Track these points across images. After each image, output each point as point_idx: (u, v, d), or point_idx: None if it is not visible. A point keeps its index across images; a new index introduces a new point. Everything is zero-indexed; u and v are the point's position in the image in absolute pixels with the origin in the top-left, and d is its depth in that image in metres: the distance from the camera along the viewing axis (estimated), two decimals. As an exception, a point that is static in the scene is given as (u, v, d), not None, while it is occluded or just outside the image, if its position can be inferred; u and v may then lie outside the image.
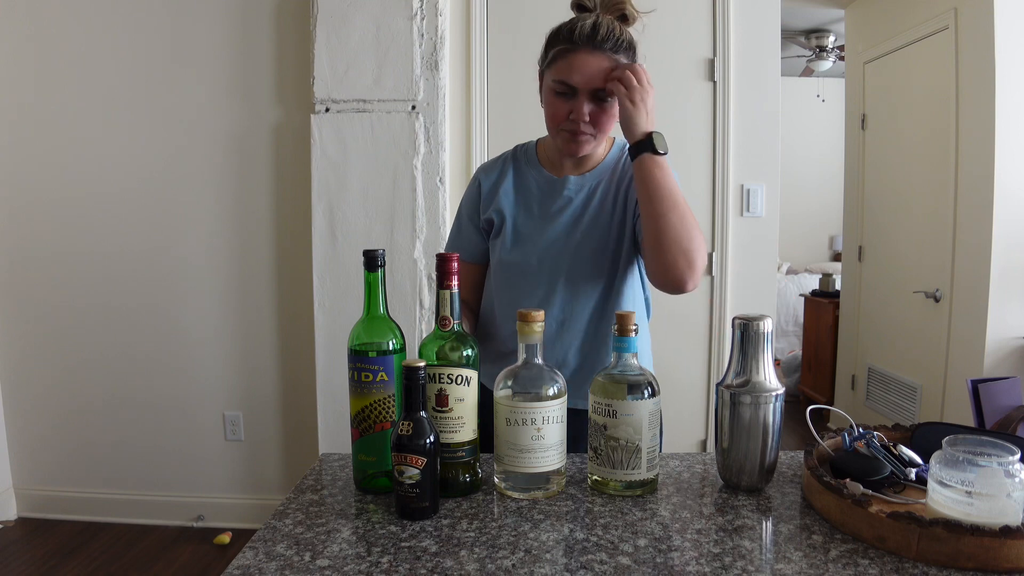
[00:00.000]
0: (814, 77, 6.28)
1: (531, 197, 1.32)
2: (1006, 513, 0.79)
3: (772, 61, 2.61)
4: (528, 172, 1.34)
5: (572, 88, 1.17)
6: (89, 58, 2.63)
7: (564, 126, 1.20)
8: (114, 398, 2.77)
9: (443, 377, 0.98)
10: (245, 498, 2.78)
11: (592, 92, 1.17)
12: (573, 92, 1.17)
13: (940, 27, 2.97)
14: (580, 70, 1.15)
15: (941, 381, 3.01)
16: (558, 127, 1.21)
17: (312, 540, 0.88)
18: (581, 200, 1.29)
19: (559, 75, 1.17)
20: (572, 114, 1.18)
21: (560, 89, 1.18)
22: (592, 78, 1.15)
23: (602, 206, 1.28)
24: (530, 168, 1.34)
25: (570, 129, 1.20)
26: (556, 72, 1.18)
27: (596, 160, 1.31)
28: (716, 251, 2.63)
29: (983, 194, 2.70)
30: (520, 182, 1.34)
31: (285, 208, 2.64)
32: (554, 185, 1.30)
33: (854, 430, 1.04)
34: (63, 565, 2.46)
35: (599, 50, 1.15)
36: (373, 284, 1.02)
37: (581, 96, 1.17)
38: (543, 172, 1.32)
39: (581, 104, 1.17)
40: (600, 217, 1.28)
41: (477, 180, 1.38)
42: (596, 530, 0.89)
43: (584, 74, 1.15)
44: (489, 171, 1.37)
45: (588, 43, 1.15)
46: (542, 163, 1.34)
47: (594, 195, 1.29)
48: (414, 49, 2.37)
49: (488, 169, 1.38)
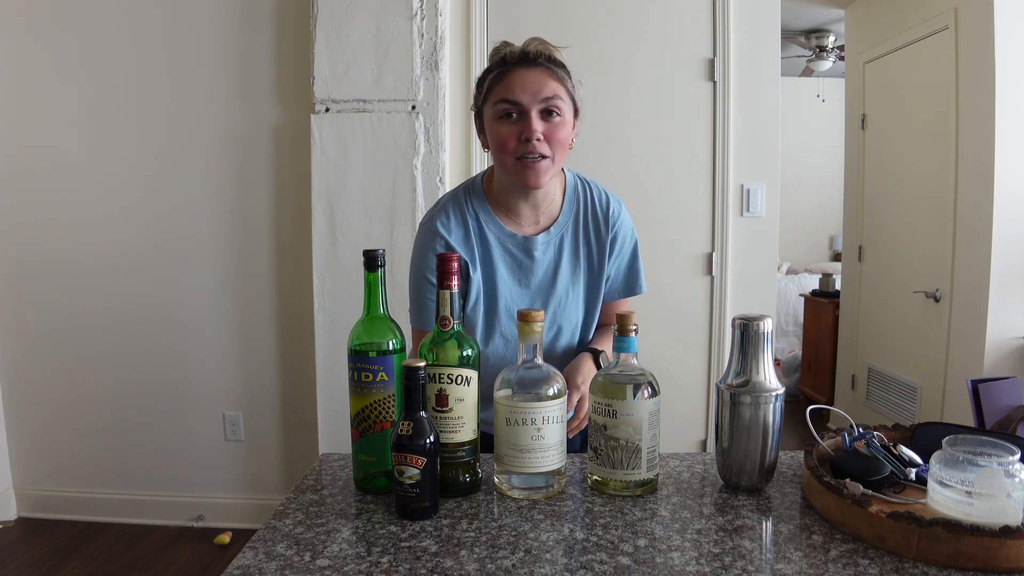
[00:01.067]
0: (814, 77, 6.28)
1: (495, 260, 1.25)
2: (1006, 513, 0.78)
3: (772, 61, 2.61)
4: (488, 229, 1.25)
5: (518, 105, 1.13)
6: (89, 58, 2.63)
7: (517, 151, 1.14)
8: (114, 398, 2.77)
9: (443, 377, 0.98)
10: (245, 498, 2.78)
11: (540, 109, 1.14)
12: (520, 113, 1.13)
13: (940, 27, 2.97)
14: (522, 85, 1.13)
15: (941, 381, 3.01)
16: (512, 155, 1.15)
17: (312, 540, 0.87)
18: (550, 261, 1.27)
19: (501, 94, 1.13)
20: (523, 134, 1.13)
21: (505, 110, 1.14)
22: (536, 92, 1.12)
23: (571, 263, 1.29)
24: (488, 223, 1.25)
25: (524, 154, 1.14)
26: (497, 94, 1.14)
27: (554, 210, 1.28)
28: (716, 251, 2.63)
29: (983, 194, 2.70)
30: (482, 242, 1.25)
31: (285, 208, 2.64)
32: (519, 245, 1.26)
33: (854, 430, 1.04)
34: (63, 565, 2.46)
35: (535, 65, 1.14)
36: (373, 284, 1.02)
37: (529, 113, 1.13)
38: (504, 229, 1.25)
39: (531, 120, 1.13)
40: (571, 274, 1.29)
41: (440, 239, 1.23)
42: (596, 530, 0.89)
43: (527, 88, 1.12)
44: (449, 229, 1.24)
45: (523, 61, 1.14)
46: (495, 209, 1.26)
47: (562, 252, 1.28)
48: (414, 49, 2.37)
49: (447, 226, 1.24)
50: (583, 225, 1.29)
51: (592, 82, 2.61)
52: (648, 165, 2.62)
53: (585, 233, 1.29)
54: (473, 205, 1.26)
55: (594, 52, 2.60)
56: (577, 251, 1.29)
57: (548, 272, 1.28)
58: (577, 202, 1.29)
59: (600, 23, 2.59)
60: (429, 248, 1.24)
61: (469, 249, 1.24)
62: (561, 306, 1.30)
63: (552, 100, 1.14)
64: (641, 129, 2.62)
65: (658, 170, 2.62)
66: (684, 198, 2.62)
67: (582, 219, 1.29)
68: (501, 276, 1.26)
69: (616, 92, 2.60)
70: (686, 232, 2.63)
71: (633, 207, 2.61)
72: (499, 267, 1.26)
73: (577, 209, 1.29)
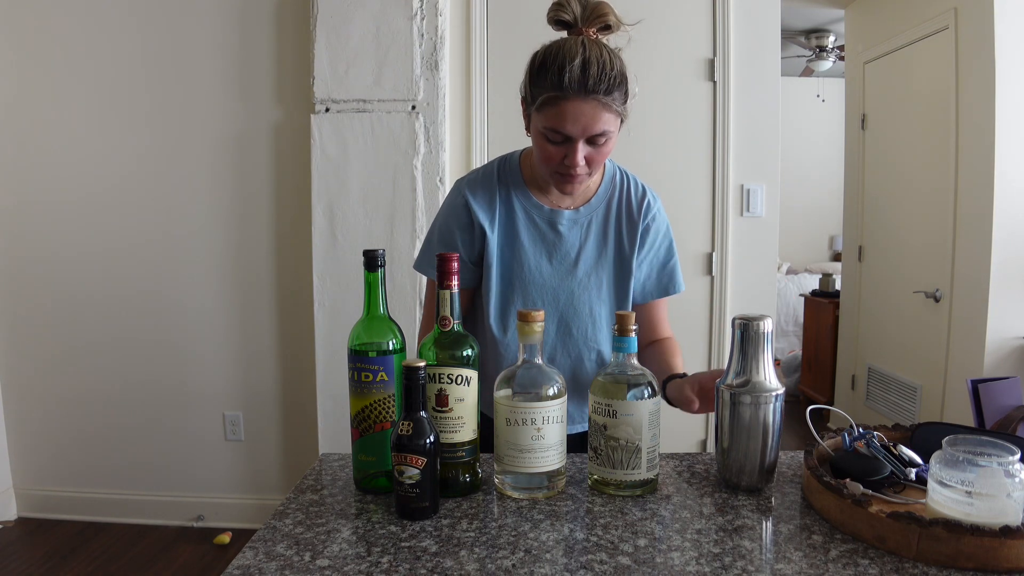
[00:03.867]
0: (814, 77, 6.28)
1: (519, 228, 1.26)
2: (1006, 513, 0.78)
3: (772, 61, 2.61)
4: (516, 197, 1.26)
5: (567, 136, 1.12)
6: (89, 58, 2.63)
7: (558, 169, 1.16)
8: (114, 399, 2.77)
9: (443, 377, 0.98)
10: (245, 498, 2.78)
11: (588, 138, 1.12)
12: (567, 139, 1.12)
13: (940, 27, 2.97)
14: (575, 120, 1.09)
15: (941, 381, 3.01)
16: (553, 169, 1.17)
17: (312, 540, 0.87)
18: (576, 240, 1.27)
19: (551, 123, 1.11)
20: (567, 159, 1.13)
21: (554, 138, 1.13)
22: (587, 127, 1.10)
23: (598, 247, 1.28)
24: (517, 193, 1.26)
25: (564, 172, 1.16)
26: (547, 120, 1.11)
27: (588, 194, 1.28)
28: (716, 251, 2.63)
29: (983, 194, 2.70)
30: (508, 211, 1.26)
31: (285, 208, 2.64)
32: (545, 217, 1.26)
33: (854, 430, 1.04)
34: (63, 565, 2.46)
35: (592, 96, 1.08)
36: (373, 284, 1.02)
37: (576, 143, 1.12)
38: (532, 199, 1.26)
39: (576, 152, 1.12)
40: (595, 258, 1.28)
41: (463, 196, 1.25)
42: (596, 530, 0.89)
43: (579, 124, 1.10)
44: (475, 189, 1.26)
45: (580, 90, 1.08)
46: (528, 184, 1.27)
47: (588, 233, 1.27)
48: (414, 49, 2.38)
49: (474, 186, 1.26)
50: (616, 212, 1.29)
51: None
52: (648, 165, 2.62)
53: (617, 220, 1.29)
54: (506, 175, 1.28)
55: (594, 52, 2.60)
56: (606, 236, 1.28)
57: (573, 250, 1.27)
58: (613, 189, 1.30)
59: (600, 23, 2.59)
60: (453, 204, 1.27)
61: (491, 212, 1.25)
62: (582, 288, 1.28)
63: (600, 134, 1.12)
64: (641, 129, 2.62)
65: (658, 170, 2.62)
66: (684, 198, 2.62)
67: (615, 206, 1.29)
68: (524, 245, 1.26)
69: (616, 92, 2.60)
70: (686, 232, 2.63)
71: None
72: (522, 235, 1.25)
73: (612, 195, 1.29)
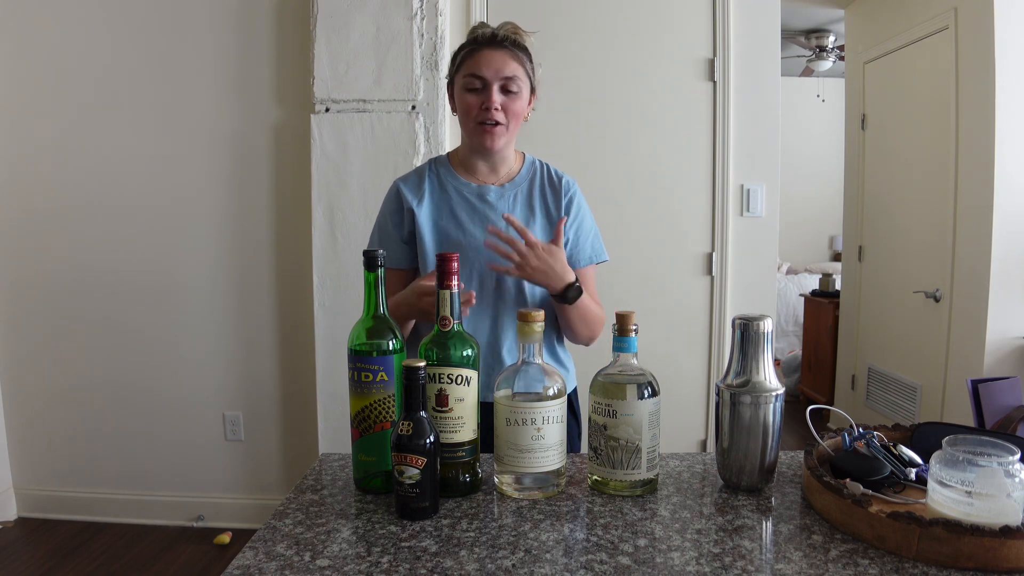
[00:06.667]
0: (814, 77, 6.28)
1: (453, 204, 1.41)
2: (1006, 513, 0.78)
3: (772, 61, 2.61)
4: (447, 180, 1.43)
5: (482, 80, 1.32)
6: (90, 59, 2.63)
7: (478, 117, 1.33)
8: (115, 399, 2.77)
9: (443, 377, 0.98)
10: (245, 498, 2.78)
11: (501, 84, 1.32)
12: (484, 86, 1.32)
13: (940, 27, 2.97)
14: (488, 63, 1.32)
15: (941, 381, 3.01)
16: (474, 120, 1.34)
17: (312, 540, 0.88)
18: (506, 207, 1.41)
19: (469, 70, 1.33)
20: (484, 103, 1.32)
21: (471, 84, 1.33)
22: (499, 69, 1.31)
23: (525, 216, 1.41)
24: (448, 176, 1.43)
25: (483, 119, 1.33)
26: (466, 69, 1.33)
27: (511, 172, 1.44)
28: (716, 251, 2.63)
29: (983, 194, 2.70)
30: (440, 190, 1.42)
31: (285, 208, 2.64)
32: (474, 191, 1.41)
33: (854, 430, 1.04)
34: (63, 565, 2.46)
35: (501, 47, 1.32)
36: (373, 284, 1.02)
37: (491, 87, 1.32)
38: (460, 179, 1.42)
39: (492, 93, 1.32)
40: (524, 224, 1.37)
41: (395, 186, 1.43)
42: (596, 530, 0.89)
43: (491, 66, 1.31)
44: (406, 179, 1.44)
45: (490, 42, 1.33)
46: (456, 168, 1.44)
47: (516, 204, 1.42)
48: (414, 49, 2.38)
49: (406, 178, 1.45)
50: (539, 188, 1.44)
51: (592, 82, 2.63)
52: (648, 165, 2.62)
53: (542, 193, 1.44)
54: (436, 165, 1.46)
55: (594, 52, 2.60)
56: (532, 207, 1.43)
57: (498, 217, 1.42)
58: (534, 172, 1.46)
59: (600, 23, 2.59)
60: (387, 195, 1.45)
61: (419, 193, 1.41)
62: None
63: (511, 78, 1.32)
64: (641, 129, 2.62)
65: (658, 170, 2.62)
66: (684, 198, 2.62)
67: (538, 184, 1.45)
68: (457, 215, 1.39)
69: (616, 92, 2.61)
70: (686, 232, 2.63)
71: (633, 207, 2.64)
72: (455, 207, 1.40)
73: (533, 176, 1.45)
